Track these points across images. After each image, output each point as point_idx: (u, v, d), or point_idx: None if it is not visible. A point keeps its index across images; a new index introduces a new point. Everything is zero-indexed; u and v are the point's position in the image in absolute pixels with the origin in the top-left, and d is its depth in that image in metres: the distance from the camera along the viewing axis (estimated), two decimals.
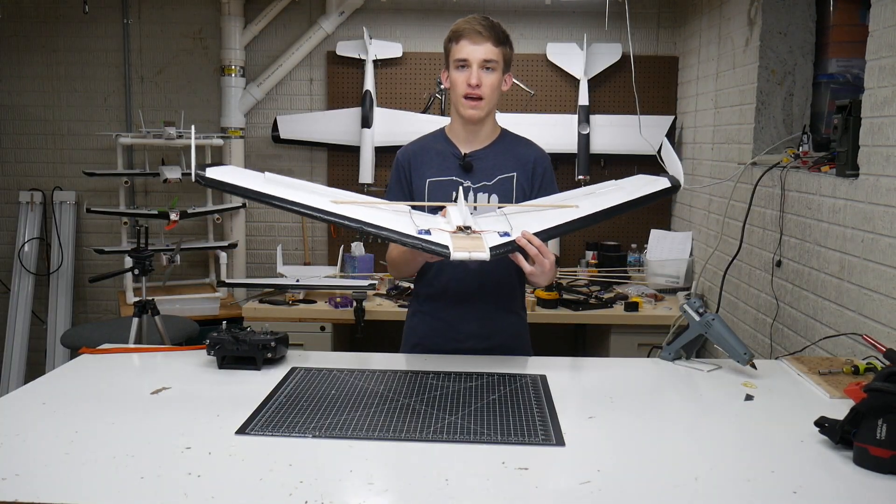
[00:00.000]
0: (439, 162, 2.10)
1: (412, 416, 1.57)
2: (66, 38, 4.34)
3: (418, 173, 2.11)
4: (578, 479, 1.30)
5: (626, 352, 3.37)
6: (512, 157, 2.10)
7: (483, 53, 1.99)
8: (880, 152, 2.10)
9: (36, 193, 4.37)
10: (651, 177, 1.98)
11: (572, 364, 2.06)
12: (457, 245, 1.71)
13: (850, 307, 2.24)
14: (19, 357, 4.30)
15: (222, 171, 1.80)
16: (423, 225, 1.78)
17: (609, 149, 4.10)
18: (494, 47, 2.00)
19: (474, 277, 2.08)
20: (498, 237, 1.77)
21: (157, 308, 3.05)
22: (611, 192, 1.97)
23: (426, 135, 2.23)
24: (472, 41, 2.00)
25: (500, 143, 2.13)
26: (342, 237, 4.27)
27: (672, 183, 1.91)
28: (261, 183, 1.79)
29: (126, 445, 1.40)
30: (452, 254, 1.69)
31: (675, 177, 1.92)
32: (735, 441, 1.52)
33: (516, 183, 2.08)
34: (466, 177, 2.08)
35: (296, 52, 4.21)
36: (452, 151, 2.11)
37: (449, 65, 2.06)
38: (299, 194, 1.78)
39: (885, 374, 1.37)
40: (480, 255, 1.70)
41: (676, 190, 1.93)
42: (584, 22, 4.17)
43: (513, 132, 2.19)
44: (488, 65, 2.00)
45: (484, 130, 2.11)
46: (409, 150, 2.17)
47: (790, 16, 2.98)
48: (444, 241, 1.72)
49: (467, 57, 2.00)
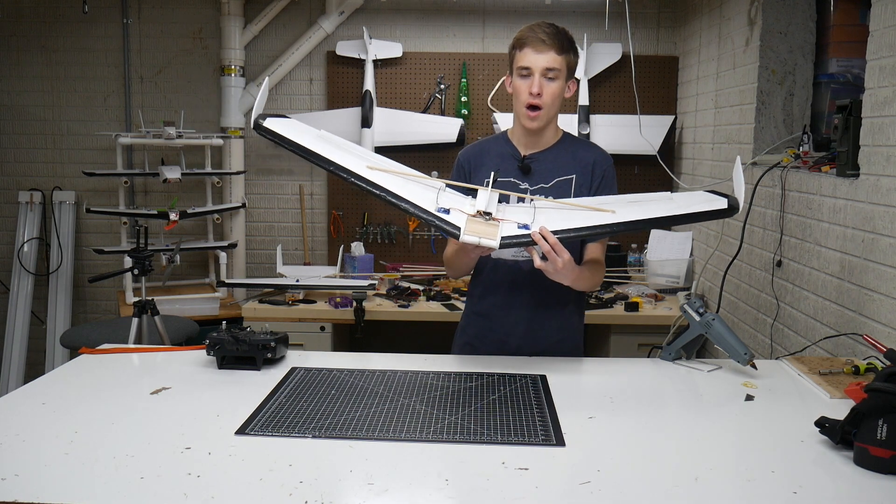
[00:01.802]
0: (499, 163, 2.08)
1: (412, 416, 1.57)
2: (65, 38, 4.34)
3: (477, 174, 2.10)
4: (578, 479, 1.30)
5: (627, 352, 3.37)
6: (572, 159, 2.09)
7: (546, 62, 1.97)
8: (881, 152, 2.10)
9: (35, 193, 4.37)
10: (710, 195, 1.85)
11: (572, 364, 2.06)
12: (469, 228, 1.72)
13: (850, 307, 2.24)
14: (19, 357, 4.29)
15: (281, 123, 1.92)
16: (446, 204, 1.79)
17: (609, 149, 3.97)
18: (558, 55, 1.98)
19: (526, 278, 2.08)
20: (516, 228, 1.77)
21: (156, 308, 3.05)
22: (657, 203, 1.86)
23: (488, 137, 2.25)
24: (536, 49, 1.97)
25: (561, 146, 2.12)
26: (342, 237, 4.28)
27: (731, 204, 1.79)
28: (311, 140, 1.89)
29: (126, 445, 1.40)
30: (462, 236, 1.72)
31: (736, 198, 1.80)
32: (735, 441, 1.51)
33: (575, 185, 2.07)
34: (525, 178, 2.08)
35: (296, 52, 4.21)
36: (512, 153, 2.11)
37: (512, 71, 2.05)
38: (341, 155, 1.85)
39: (886, 374, 1.37)
40: (489, 243, 1.71)
41: (733, 213, 1.79)
42: (584, 22, 4.17)
43: (575, 135, 2.19)
44: (550, 73, 1.98)
45: (545, 134, 2.10)
46: (469, 152, 2.18)
47: (790, 16, 2.98)
48: (458, 223, 1.73)
49: (530, 65, 1.98)
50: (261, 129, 1.88)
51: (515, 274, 2.09)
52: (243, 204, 4.22)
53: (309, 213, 4.41)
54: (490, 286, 2.14)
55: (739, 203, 1.79)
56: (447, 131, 4.02)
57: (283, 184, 4.40)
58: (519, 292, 2.11)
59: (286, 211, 4.43)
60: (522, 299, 2.11)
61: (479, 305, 2.18)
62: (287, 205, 4.43)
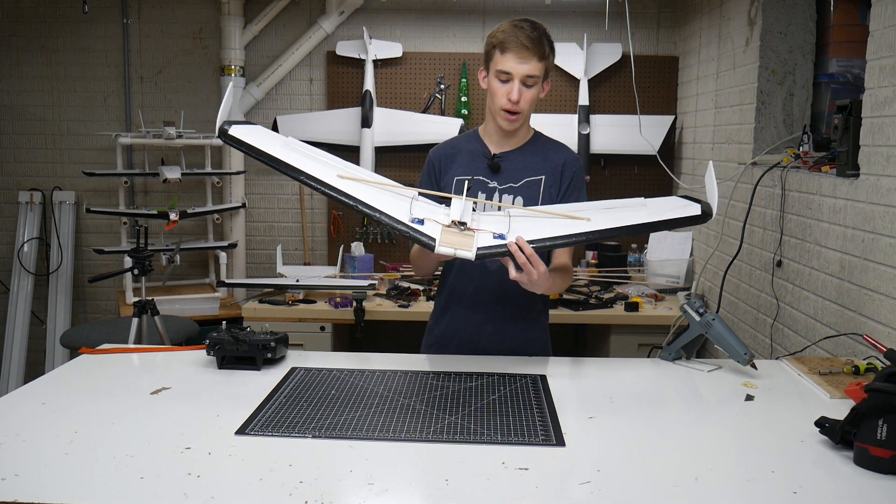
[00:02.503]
0: (469, 161, 2.10)
1: (412, 416, 1.57)
2: (65, 38, 4.34)
3: (448, 172, 2.10)
4: (578, 479, 1.30)
5: (627, 352, 3.37)
6: (542, 160, 2.09)
7: (527, 70, 1.96)
8: (881, 152, 2.10)
9: (35, 193, 4.37)
10: (683, 200, 1.83)
11: (572, 364, 2.06)
12: (444, 240, 1.69)
13: (850, 307, 2.24)
14: (19, 357, 4.29)
15: (246, 131, 1.83)
16: (419, 214, 1.76)
17: (609, 149, 4.10)
18: (539, 62, 1.97)
19: (492, 277, 2.08)
20: (491, 238, 1.73)
21: (156, 308, 3.05)
22: (631, 210, 1.84)
23: (460, 135, 2.25)
24: (519, 57, 1.95)
25: (531, 146, 2.12)
26: (342, 237, 4.28)
27: (704, 211, 1.77)
28: (278, 148, 1.81)
29: (126, 445, 1.40)
30: (437, 247, 1.68)
31: (709, 205, 1.79)
32: (735, 441, 1.51)
33: (544, 186, 2.06)
34: (494, 177, 2.08)
35: (296, 52, 4.21)
36: (483, 151, 2.10)
37: (490, 69, 2.03)
38: (309, 164, 1.78)
39: (886, 374, 1.37)
40: (465, 254, 1.68)
41: (706, 219, 1.78)
42: (584, 22, 4.17)
43: (546, 135, 2.17)
44: (530, 81, 1.98)
45: (518, 133, 2.10)
46: (441, 150, 2.17)
47: (790, 16, 2.98)
48: (432, 234, 1.70)
49: (511, 71, 1.97)
50: (226, 136, 1.80)
51: (482, 274, 2.09)
52: (243, 204, 4.22)
53: (309, 213, 4.41)
54: (457, 286, 2.14)
55: (713, 210, 1.77)
56: (447, 131, 4.01)
57: (283, 184, 4.40)
58: (486, 292, 2.10)
59: (286, 211, 4.43)
60: (489, 299, 2.10)
61: (446, 305, 2.18)
62: (287, 205, 4.43)
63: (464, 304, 2.14)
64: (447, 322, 2.17)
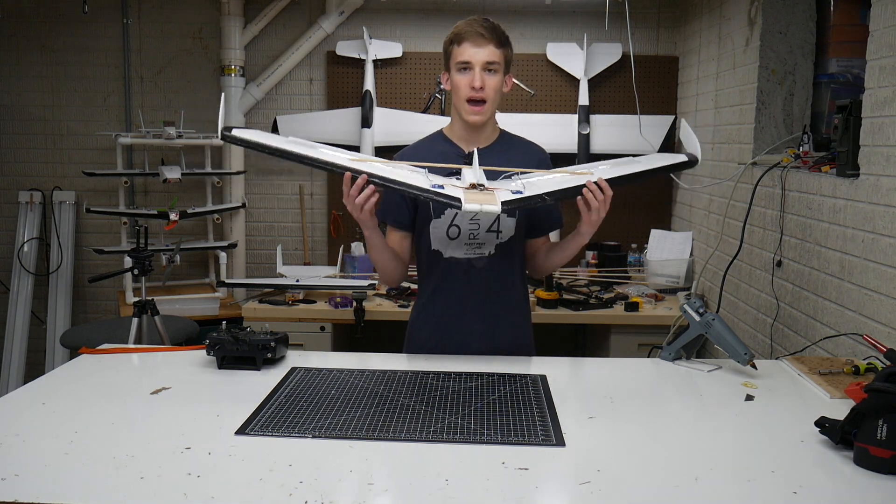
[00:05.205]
0: (443, 162, 2.09)
1: (412, 416, 1.57)
2: (65, 38, 4.34)
3: None
4: (578, 479, 1.30)
5: (627, 352, 3.37)
6: (520, 156, 2.09)
7: (486, 56, 1.98)
8: (881, 152, 2.10)
9: (35, 193, 4.37)
10: (669, 154, 2.08)
11: (572, 364, 2.06)
12: (469, 198, 1.75)
13: (850, 307, 2.24)
14: (19, 357, 4.29)
15: (247, 133, 1.95)
16: (438, 182, 1.83)
17: (609, 149, 4.09)
18: (497, 49, 2.00)
19: (479, 276, 2.08)
20: (510, 194, 1.80)
21: (156, 308, 3.05)
22: (626, 164, 2.03)
23: (423, 138, 2.20)
24: (475, 44, 1.98)
25: (501, 143, 2.13)
26: (342, 237, 4.27)
27: (689, 158, 2.00)
28: (282, 142, 1.92)
29: (126, 445, 1.40)
30: (464, 205, 1.74)
31: (692, 153, 2.01)
32: (735, 441, 1.51)
33: None
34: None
35: (295, 52, 4.20)
36: (455, 151, 2.10)
37: (450, 67, 2.05)
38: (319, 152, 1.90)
39: (886, 374, 1.37)
40: (492, 208, 1.74)
41: (694, 164, 2.01)
42: (584, 22, 4.17)
43: (511, 133, 2.18)
44: (491, 67, 1.99)
45: (485, 131, 2.10)
46: (407, 154, 2.13)
47: (790, 16, 2.98)
48: (455, 195, 1.76)
49: (470, 59, 1.99)
50: (228, 137, 1.90)
51: (469, 273, 2.08)
52: (243, 204, 4.22)
53: (309, 213, 4.41)
54: (443, 286, 2.12)
55: (697, 156, 2.00)
56: None
57: (282, 184, 4.40)
58: (474, 292, 2.10)
59: (286, 211, 4.43)
60: (478, 298, 2.10)
61: (432, 306, 2.15)
62: (287, 205, 4.43)
63: (452, 304, 2.12)
64: (435, 324, 2.15)
